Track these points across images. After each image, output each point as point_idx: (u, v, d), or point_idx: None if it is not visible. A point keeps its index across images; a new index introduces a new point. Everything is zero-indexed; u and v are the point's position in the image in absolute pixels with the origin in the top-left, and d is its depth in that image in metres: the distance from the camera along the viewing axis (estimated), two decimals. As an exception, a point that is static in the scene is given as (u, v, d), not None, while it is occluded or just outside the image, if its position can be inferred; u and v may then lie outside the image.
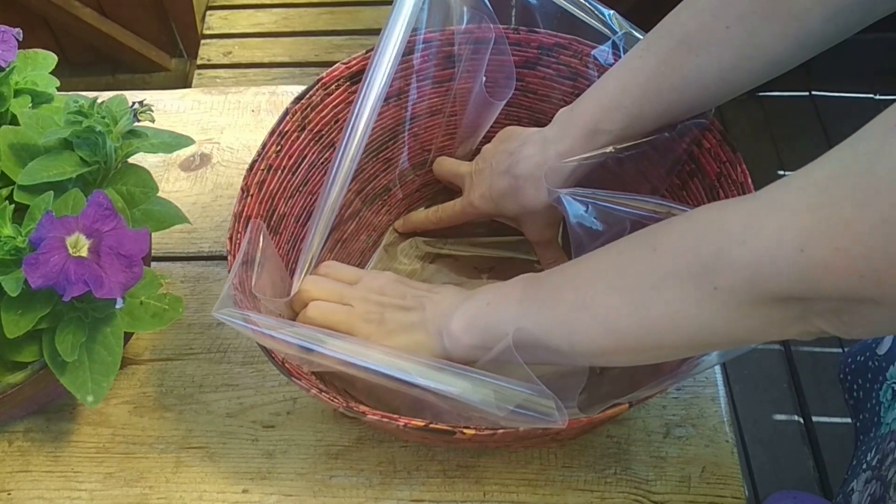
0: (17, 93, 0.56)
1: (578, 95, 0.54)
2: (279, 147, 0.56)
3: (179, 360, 0.63)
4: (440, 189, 0.69)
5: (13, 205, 0.49)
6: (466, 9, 0.59)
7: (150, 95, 0.78)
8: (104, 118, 0.50)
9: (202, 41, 1.54)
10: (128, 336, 0.58)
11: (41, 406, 0.60)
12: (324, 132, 0.59)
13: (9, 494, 0.57)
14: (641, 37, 0.54)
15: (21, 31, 0.55)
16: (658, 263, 0.38)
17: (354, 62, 0.58)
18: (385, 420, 0.42)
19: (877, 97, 1.73)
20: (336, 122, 0.59)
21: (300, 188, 0.58)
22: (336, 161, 0.53)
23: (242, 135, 0.77)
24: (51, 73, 0.58)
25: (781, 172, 1.65)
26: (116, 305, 0.47)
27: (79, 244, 0.46)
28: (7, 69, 0.54)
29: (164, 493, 0.56)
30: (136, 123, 0.53)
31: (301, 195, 0.58)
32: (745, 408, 1.37)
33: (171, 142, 0.56)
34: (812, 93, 1.74)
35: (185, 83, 1.74)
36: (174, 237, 0.70)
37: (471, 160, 0.63)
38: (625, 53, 0.53)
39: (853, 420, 0.68)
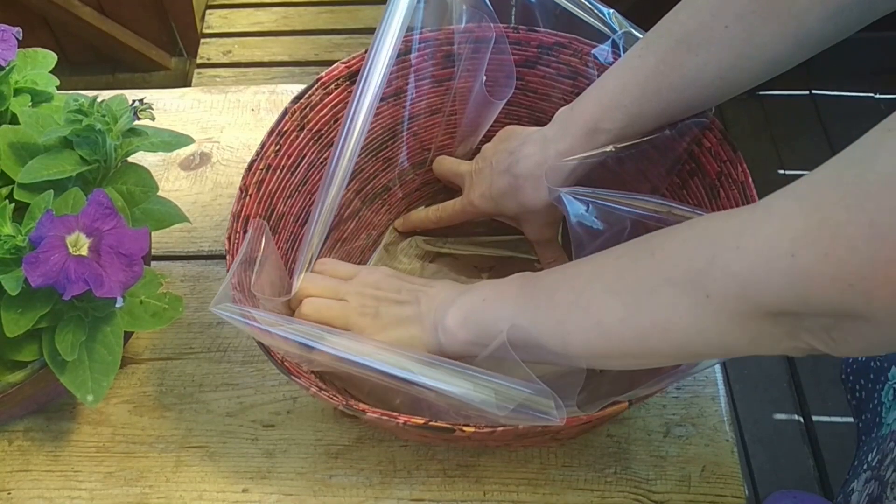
0: (17, 92, 0.56)
1: (578, 94, 0.54)
2: (278, 146, 0.56)
3: (179, 360, 0.63)
4: (440, 188, 0.69)
5: (13, 203, 0.49)
6: (466, 8, 0.59)
7: (150, 94, 0.78)
8: (104, 117, 0.50)
9: (202, 40, 1.54)
10: (128, 335, 0.58)
11: (41, 405, 0.60)
12: (323, 132, 0.59)
13: (9, 494, 0.57)
14: (641, 36, 0.54)
15: (21, 31, 0.56)
16: (655, 269, 0.38)
17: (354, 61, 0.58)
18: (385, 418, 0.42)
19: (877, 97, 1.72)
20: (335, 122, 0.59)
21: (299, 188, 0.58)
22: (333, 160, 0.53)
23: (242, 134, 0.77)
24: (51, 72, 0.58)
25: (781, 172, 1.65)
26: (116, 304, 0.47)
27: (79, 243, 0.46)
28: (7, 68, 0.54)
29: (164, 493, 0.56)
30: (136, 122, 0.53)
31: (300, 195, 0.58)
32: (745, 407, 1.37)
33: (171, 141, 0.56)
34: (812, 92, 1.74)
35: (185, 82, 1.74)
36: (174, 236, 0.70)
37: (471, 159, 0.63)
38: (624, 52, 0.53)
39: (855, 420, 0.68)
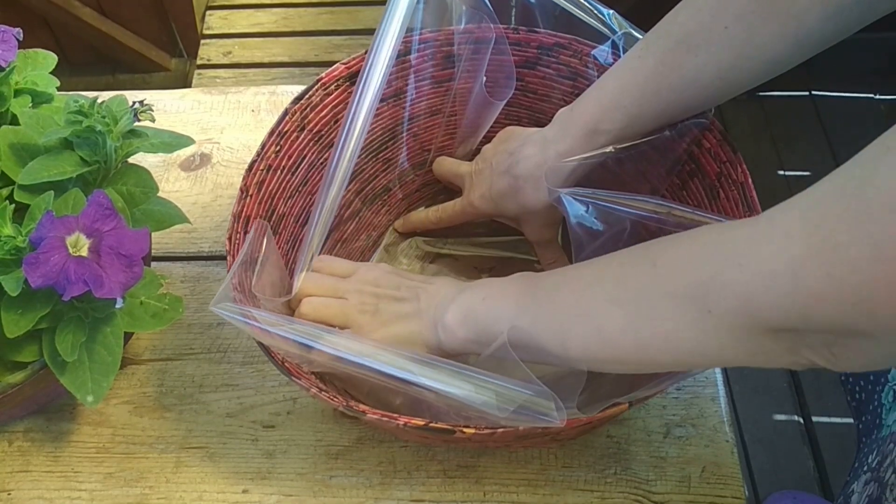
0: (18, 93, 0.56)
1: (578, 95, 0.54)
2: (278, 147, 0.56)
3: (179, 360, 0.63)
4: (440, 189, 0.69)
5: (13, 204, 0.49)
6: (466, 8, 0.59)
7: (150, 95, 0.78)
8: (104, 118, 0.50)
9: (202, 41, 1.54)
10: (128, 336, 0.58)
11: (41, 406, 0.60)
12: (323, 132, 0.59)
13: (9, 494, 0.57)
14: (641, 36, 0.54)
15: (21, 31, 0.56)
16: (657, 280, 0.38)
17: (354, 62, 0.58)
18: (385, 419, 0.42)
19: (877, 97, 1.72)
20: (335, 123, 0.59)
21: (300, 188, 0.58)
22: (333, 160, 0.53)
23: (242, 135, 0.77)
24: (51, 73, 0.58)
25: (781, 173, 1.65)
26: (116, 305, 0.47)
27: (79, 244, 0.46)
28: (7, 69, 0.54)
29: (164, 493, 0.56)
30: (137, 123, 0.53)
31: (300, 195, 0.58)
32: (745, 408, 1.37)
33: (171, 142, 0.56)
34: (812, 93, 1.74)
35: (185, 83, 1.74)
36: (174, 237, 0.70)
37: (471, 160, 0.63)
38: (624, 53, 0.53)
39: (855, 422, 0.68)
